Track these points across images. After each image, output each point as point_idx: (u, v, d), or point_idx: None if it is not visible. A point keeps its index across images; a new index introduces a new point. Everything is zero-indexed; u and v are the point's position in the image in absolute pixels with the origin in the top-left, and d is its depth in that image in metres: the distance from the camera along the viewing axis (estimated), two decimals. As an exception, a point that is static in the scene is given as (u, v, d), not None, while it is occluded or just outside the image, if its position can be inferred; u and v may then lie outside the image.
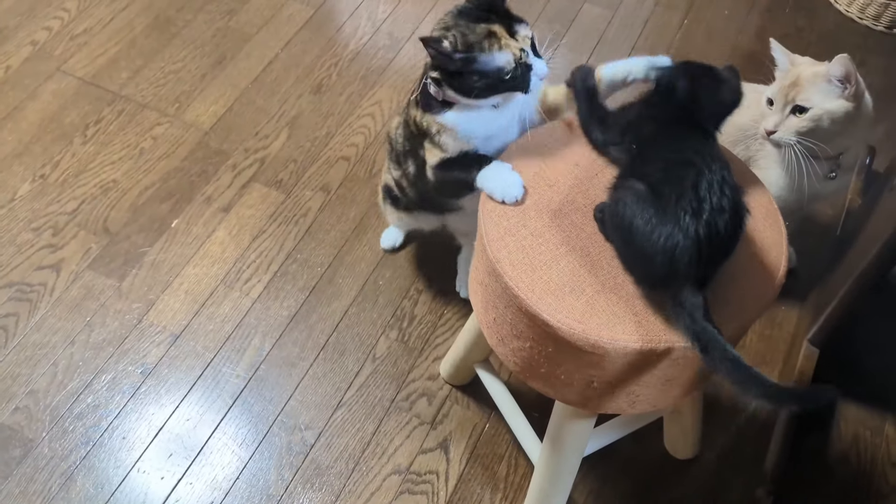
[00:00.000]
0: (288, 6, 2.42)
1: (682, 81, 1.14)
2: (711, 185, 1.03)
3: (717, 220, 1.02)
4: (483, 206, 1.20)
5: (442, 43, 1.19)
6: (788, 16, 2.50)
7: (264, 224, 1.94)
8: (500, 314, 1.19)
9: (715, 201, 1.03)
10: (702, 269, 1.04)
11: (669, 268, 1.03)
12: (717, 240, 1.03)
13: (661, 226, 1.03)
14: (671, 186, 1.05)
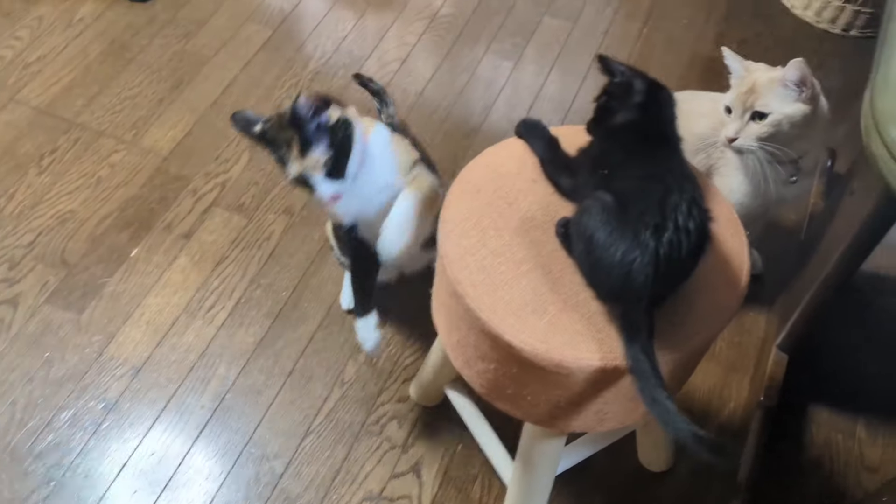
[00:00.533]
0: (246, 27, 2.39)
1: (637, 81, 1.14)
2: (678, 205, 1.02)
3: (678, 241, 1.01)
4: (442, 226, 1.18)
5: (257, 125, 1.45)
6: (746, 22, 2.52)
7: (227, 250, 1.91)
8: (464, 336, 1.17)
9: (680, 221, 1.01)
10: (658, 288, 1.03)
11: (625, 283, 1.02)
12: (676, 260, 1.02)
13: (621, 240, 1.01)
14: (637, 201, 1.03)
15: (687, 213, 1.02)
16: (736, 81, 1.54)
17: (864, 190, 1.46)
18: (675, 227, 1.02)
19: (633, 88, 1.14)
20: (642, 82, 1.15)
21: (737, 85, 1.52)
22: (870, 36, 2.47)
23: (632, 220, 1.02)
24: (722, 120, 1.54)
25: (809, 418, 1.73)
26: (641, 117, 1.14)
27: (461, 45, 2.40)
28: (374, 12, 2.47)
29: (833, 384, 1.78)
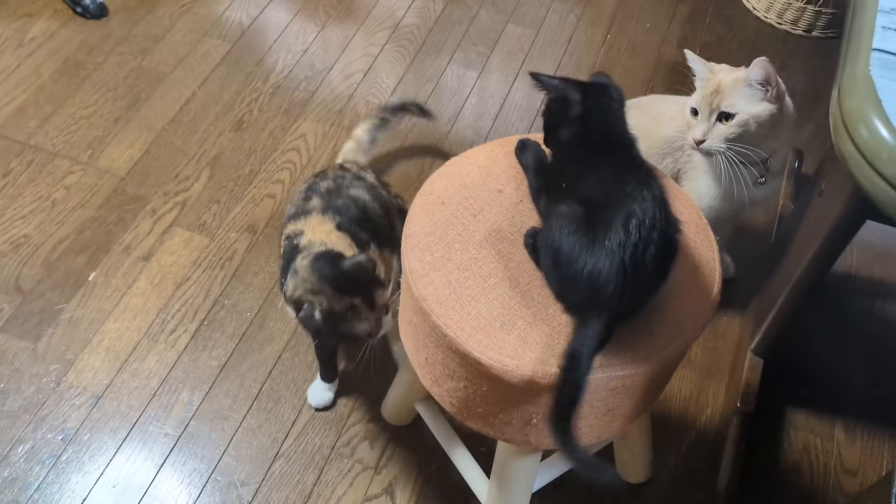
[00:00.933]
0: (203, 42, 2.34)
1: (572, 94, 1.11)
2: (644, 215, 0.98)
3: (645, 253, 0.98)
4: (406, 241, 1.14)
5: (308, 310, 1.33)
6: (709, 25, 2.52)
7: (188, 270, 1.85)
8: (432, 354, 1.13)
9: (644, 234, 0.98)
10: (626, 301, 1.00)
11: (592, 296, 0.99)
12: (644, 272, 0.98)
13: (587, 253, 0.98)
14: (602, 212, 1.00)
15: (652, 223, 0.99)
16: (700, 83, 1.52)
17: (833, 190, 1.45)
18: (640, 238, 0.98)
19: (569, 102, 1.11)
20: (577, 93, 1.11)
21: (702, 87, 1.50)
22: (832, 36, 2.47)
23: (598, 232, 0.99)
24: (688, 123, 1.52)
25: (787, 422, 1.71)
26: (585, 128, 1.11)
27: (425, 55, 2.37)
28: (336, 24, 2.43)
29: (809, 386, 1.77)
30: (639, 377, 1.05)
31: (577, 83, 1.13)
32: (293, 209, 1.53)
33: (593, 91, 1.13)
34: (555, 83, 1.13)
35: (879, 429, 1.71)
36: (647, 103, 1.71)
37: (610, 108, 1.13)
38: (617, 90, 1.15)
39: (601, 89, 1.14)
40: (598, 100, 1.12)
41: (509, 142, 1.26)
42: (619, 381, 1.04)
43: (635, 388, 1.08)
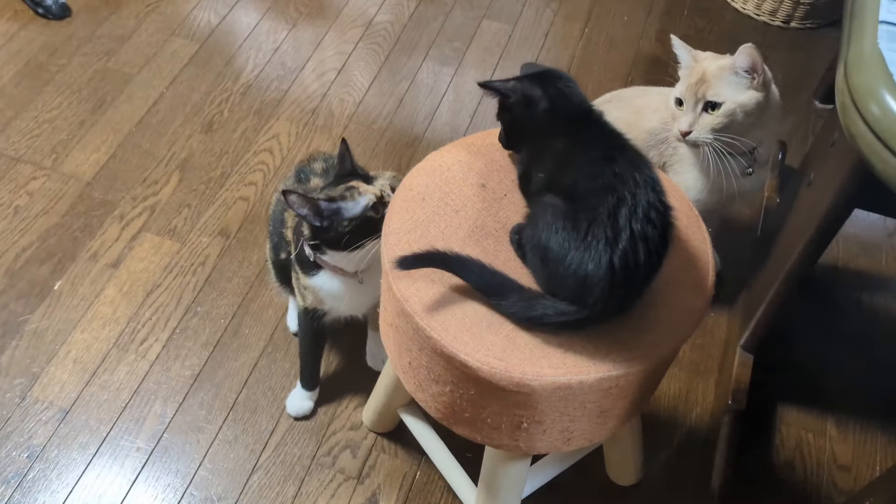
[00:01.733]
0: (171, 42, 2.27)
1: (534, 90, 1.07)
2: (634, 203, 0.94)
3: (636, 248, 0.93)
4: (386, 239, 1.09)
5: (308, 207, 1.27)
6: (687, 18, 2.48)
7: (159, 277, 1.79)
8: (415, 357, 1.08)
9: (636, 226, 0.94)
10: (618, 299, 0.95)
11: (581, 292, 0.95)
12: (634, 265, 0.94)
13: (574, 248, 0.94)
14: (587, 202, 0.96)
15: (644, 212, 0.95)
16: (685, 72, 1.48)
17: (822, 179, 1.41)
18: (630, 231, 0.94)
19: (533, 100, 1.07)
20: (537, 88, 1.07)
21: (686, 76, 1.46)
22: (810, 27, 2.45)
23: (583, 225, 0.95)
24: (673, 114, 1.48)
25: (778, 418, 1.68)
26: (556, 119, 1.07)
27: (399, 53, 2.31)
28: (307, 22, 2.37)
29: (799, 381, 1.73)
30: (633, 377, 1.00)
31: (530, 79, 1.10)
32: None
33: (547, 80, 1.09)
34: (511, 85, 1.09)
35: (871, 423, 1.67)
36: (629, 95, 1.67)
37: (569, 90, 1.09)
38: (561, 73, 1.11)
39: (552, 76, 1.10)
40: (555, 87, 1.09)
41: (491, 135, 1.21)
42: (612, 382, 0.99)
43: (629, 389, 1.03)
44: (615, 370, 0.98)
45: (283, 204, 1.45)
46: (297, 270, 1.42)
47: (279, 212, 1.49)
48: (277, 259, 1.52)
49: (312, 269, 1.39)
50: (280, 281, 1.57)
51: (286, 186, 1.52)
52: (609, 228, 0.93)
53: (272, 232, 1.52)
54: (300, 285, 1.43)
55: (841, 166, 1.29)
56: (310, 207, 1.26)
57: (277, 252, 1.50)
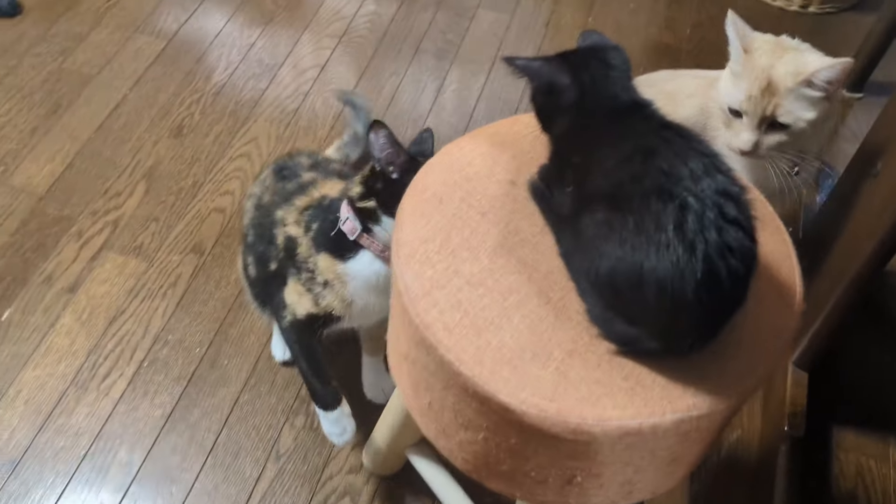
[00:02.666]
0: (134, 39, 2.05)
1: (559, 77, 0.86)
2: (703, 214, 0.73)
3: (720, 266, 0.73)
4: (398, 252, 0.88)
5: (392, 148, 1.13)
6: (697, 4, 2.30)
7: (123, 302, 1.56)
8: (438, 397, 0.86)
9: (713, 237, 0.73)
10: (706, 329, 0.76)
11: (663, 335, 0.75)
12: (722, 292, 0.74)
13: (645, 246, 0.73)
14: (649, 214, 0.74)
15: (716, 222, 0.74)
16: (745, 71, 1.23)
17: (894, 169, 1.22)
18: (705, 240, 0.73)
19: (556, 87, 0.87)
20: (565, 75, 0.86)
21: (748, 79, 1.22)
22: (830, 11, 2.27)
23: (648, 229, 0.74)
24: (726, 122, 1.26)
25: (835, 443, 1.48)
26: (586, 113, 0.87)
27: (387, 46, 2.10)
28: (285, 15, 2.16)
29: (856, 401, 1.53)
30: (717, 416, 0.80)
31: (563, 59, 0.88)
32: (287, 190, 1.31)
33: (584, 64, 0.88)
34: (536, 67, 0.88)
35: (939, 445, 1.48)
36: (659, 80, 1.47)
37: (609, 79, 0.88)
38: (616, 51, 0.91)
39: (594, 57, 0.89)
40: (592, 74, 0.87)
41: (518, 121, 1.00)
42: (692, 424, 0.78)
43: (710, 430, 0.83)
44: (696, 409, 0.77)
45: (275, 203, 1.28)
46: (316, 264, 1.19)
47: (264, 214, 1.28)
48: (263, 272, 1.29)
49: (349, 252, 1.18)
50: (260, 302, 1.36)
51: (264, 188, 1.32)
52: (678, 245, 0.72)
53: (253, 242, 1.30)
54: (320, 280, 1.19)
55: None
56: (394, 149, 1.12)
57: (265, 263, 1.27)
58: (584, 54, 0.90)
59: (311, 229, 1.21)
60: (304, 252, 1.21)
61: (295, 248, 1.22)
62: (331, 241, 1.18)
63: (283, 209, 1.26)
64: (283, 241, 1.24)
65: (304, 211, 1.24)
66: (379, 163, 1.14)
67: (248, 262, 1.33)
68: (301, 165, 1.35)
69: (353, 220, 1.17)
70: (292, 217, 1.25)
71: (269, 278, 1.27)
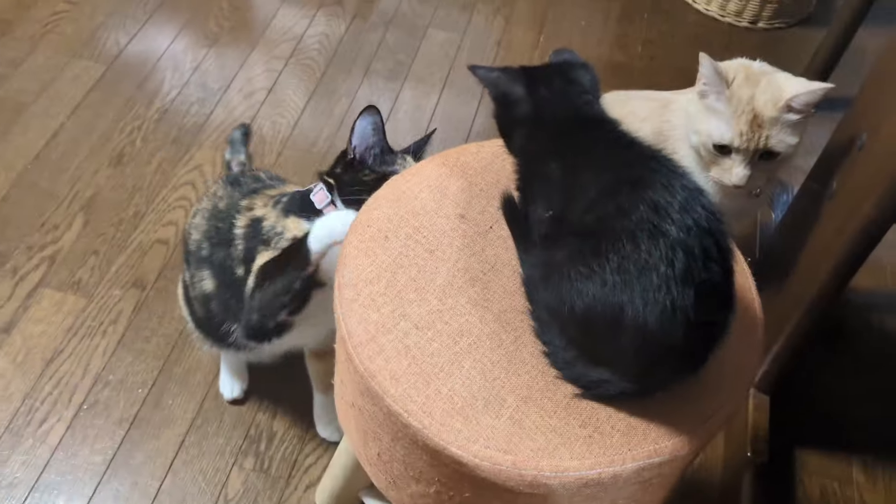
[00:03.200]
0: (72, 65, 1.98)
1: (512, 87, 0.84)
2: (693, 257, 0.69)
3: (706, 302, 0.69)
4: (340, 294, 0.83)
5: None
6: (648, 21, 2.29)
7: (61, 341, 1.48)
8: (387, 448, 0.81)
9: (699, 275, 0.69)
10: (690, 366, 0.72)
11: (646, 370, 0.71)
12: (708, 323, 0.71)
13: (629, 284, 0.69)
14: (625, 248, 0.70)
15: (703, 257, 0.70)
16: (722, 103, 1.19)
17: (849, 191, 1.20)
18: (702, 284, 0.69)
19: (509, 98, 0.85)
20: (519, 85, 0.84)
21: (733, 114, 1.18)
22: (779, 27, 2.28)
23: (633, 269, 0.70)
24: (713, 159, 1.22)
25: (799, 465, 1.46)
26: (542, 128, 0.84)
27: (336, 67, 2.06)
28: (230, 37, 2.10)
29: (819, 423, 1.52)
30: (679, 461, 0.76)
31: (523, 72, 0.86)
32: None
33: (544, 78, 0.85)
34: (493, 77, 0.86)
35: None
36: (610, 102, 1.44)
37: (567, 94, 0.85)
38: (584, 69, 0.88)
39: (557, 73, 0.86)
40: (550, 88, 0.84)
41: (465, 151, 0.96)
42: (654, 471, 0.75)
43: (673, 475, 0.79)
44: (658, 455, 0.74)
45: (235, 200, 1.23)
46: (284, 226, 1.16)
47: (222, 218, 1.22)
48: (229, 280, 1.20)
49: (316, 215, 1.14)
50: (207, 331, 1.29)
51: (216, 199, 1.26)
52: (671, 280, 0.68)
53: (208, 255, 1.22)
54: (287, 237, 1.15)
55: (877, 173, 1.08)
56: (376, 138, 1.15)
57: (228, 271, 1.19)
58: (547, 69, 0.88)
59: (281, 202, 1.19)
60: (271, 222, 1.17)
61: (260, 225, 1.18)
62: (299, 206, 1.17)
63: (249, 199, 1.23)
64: (244, 230, 1.19)
65: (274, 196, 1.22)
66: (353, 150, 1.14)
67: (200, 278, 1.24)
68: (260, 176, 1.32)
69: (324, 190, 1.16)
70: (260, 202, 1.21)
71: (235, 285, 1.20)
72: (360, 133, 1.14)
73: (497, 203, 0.90)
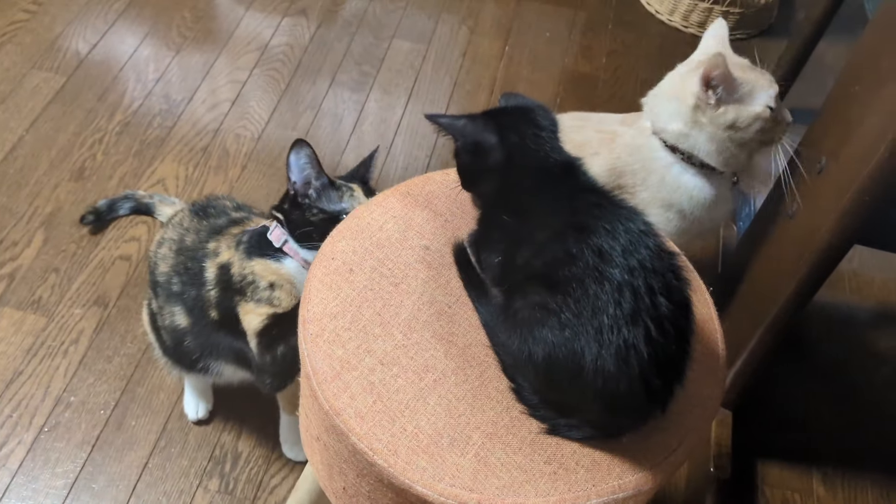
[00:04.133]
0: (31, 76, 1.94)
1: (485, 136, 0.83)
2: (636, 291, 0.70)
3: (660, 336, 0.70)
4: (304, 329, 0.82)
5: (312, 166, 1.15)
6: (612, 32, 2.30)
7: (21, 362, 1.46)
8: (353, 484, 0.81)
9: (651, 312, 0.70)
10: (654, 405, 0.72)
11: (611, 407, 0.71)
12: (666, 359, 0.71)
13: (587, 337, 0.70)
14: (580, 297, 0.71)
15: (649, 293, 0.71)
16: (737, 88, 1.23)
17: (810, 212, 1.22)
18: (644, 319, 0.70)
19: (483, 148, 0.83)
20: (492, 134, 0.83)
21: (756, 81, 1.24)
22: (741, 38, 2.31)
23: (588, 320, 0.71)
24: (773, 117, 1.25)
25: (761, 478, 1.48)
26: (512, 175, 0.83)
27: (301, 79, 2.04)
28: (194, 47, 2.08)
29: (779, 436, 1.54)
30: (643, 496, 0.77)
31: (490, 118, 0.85)
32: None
33: (512, 124, 0.85)
34: (460, 126, 0.84)
35: (860, 476, 1.49)
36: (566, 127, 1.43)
37: (538, 139, 0.84)
38: (543, 110, 0.87)
39: (522, 117, 0.85)
40: (521, 134, 0.84)
41: (430, 180, 0.96)
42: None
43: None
44: (622, 490, 0.74)
45: (202, 240, 1.22)
46: (252, 271, 1.15)
47: (190, 256, 1.21)
48: (202, 320, 1.20)
49: (280, 254, 1.16)
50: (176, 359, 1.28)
51: (183, 230, 1.25)
52: (622, 321, 0.69)
53: (180, 290, 1.21)
54: (263, 286, 1.14)
55: (837, 198, 1.10)
56: (314, 170, 1.15)
57: (202, 311, 1.19)
58: (510, 113, 0.87)
59: (242, 243, 1.18)
60: (238, 269, 1.16)
61: (229, 272, 1.17)
62: (258, 246, 1.16)
63: (216, 241, 1.21)
64: (215, 276, 1.18)
65: (237, 235, 1.21)
66: (293, 186, 1.15)
67: (171, 312, 1.23)
68: (226, 206, 1.30)
69: (279, 228, 1.16)
70: (225, 244, 1.20)
71: (210, 325, 1.19)
72: (296, 167, 1.15)
73: (462, 231, 0.90)
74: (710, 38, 1.33)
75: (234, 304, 1.14)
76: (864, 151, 1.05)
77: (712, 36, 1.33)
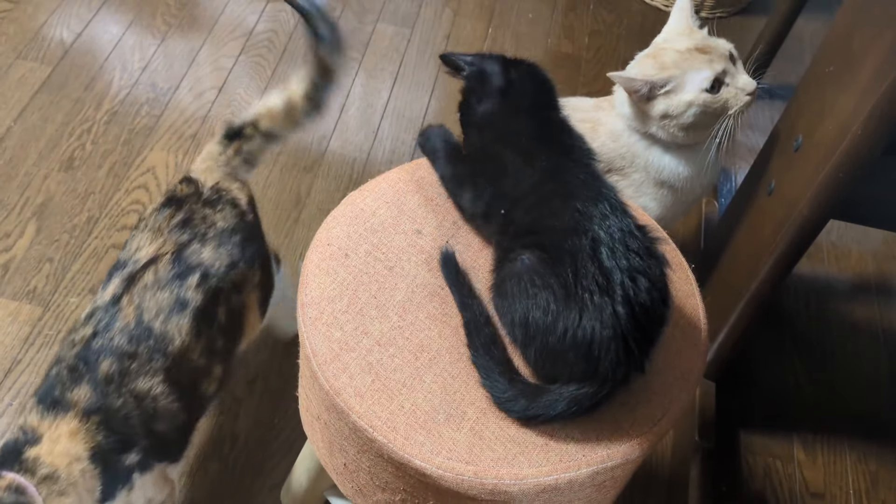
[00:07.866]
0: (16, 67, 1.94)
1: (490, 64, 0.92)
2: (613, 247, 0.75)
3: (637, 287, 0.74)
4: (303, 313, 0.85)
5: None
6: (594, 12, 2.33)
7: (18, 352, 1.48)
8: (353, 460, 0.85)
9: (624, 264, 0.75)
10: (635, 357, 0.76)
11: (588, 364, 0.75)
12: (643, 313, 0.75)
13: (566, 312, 0.73)
14: (561, 255, 0.76)
15: (625, 249, 0.76)
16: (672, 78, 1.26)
17: (787, 189, 1.26)
18: (622, 279, 0.75)
19: (486, 74, 0.91)
20: (496, 64, 0.92)
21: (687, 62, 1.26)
22: (720, 16, 2.34)
23: (567, 279, 0.75)
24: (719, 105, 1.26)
25: (744, 447, 1.53)
26: (509, 105, 0.90)
27: (286, 65, 2.06)
28: (179, 35, 2.09)
29: (760, 405, 1.59)
30: (630, 464, 0.81)
31: (499, 56, 0.94)
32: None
33: (517, 65, 0.93)
34: (469, 58, 0.93)
35: (838, 440, 1.55)
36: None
37: (533, 83, 0.93)
38: (539, 69, 0.95)
39: (528, 66, 0.94)
40: (522, 75, 0.92)
41: (420, 166, 0.99)
42: (607, 475, 0.79)
43: (624, 477, 0.84)
44: (610, 460, 0.78)
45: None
46: None
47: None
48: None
49: None
50: None
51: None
52: (597, 273, 0.74)
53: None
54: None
55: (813, 175, 1.14)
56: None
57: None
58: (517, 60, 0.94)
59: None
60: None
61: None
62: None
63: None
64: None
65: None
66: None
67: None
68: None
69: None
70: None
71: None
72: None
73: (452, 217, 0.93)
74: (677, 12, 1.35)
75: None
76: (838, 129, 1.09)
77: (678, 9, 1.35)
